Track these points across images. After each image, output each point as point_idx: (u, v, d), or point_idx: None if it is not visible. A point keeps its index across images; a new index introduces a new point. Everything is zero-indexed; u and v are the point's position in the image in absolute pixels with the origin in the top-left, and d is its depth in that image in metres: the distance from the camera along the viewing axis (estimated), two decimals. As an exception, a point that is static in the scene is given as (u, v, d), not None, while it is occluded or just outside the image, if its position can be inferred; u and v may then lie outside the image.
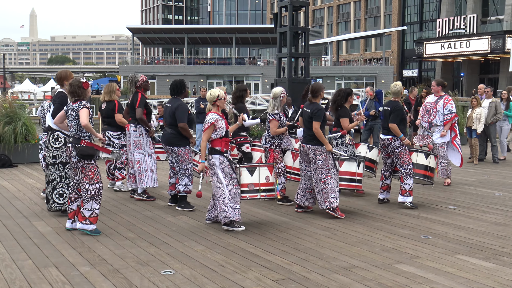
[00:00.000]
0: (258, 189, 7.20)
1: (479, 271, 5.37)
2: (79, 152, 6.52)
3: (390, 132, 8.41)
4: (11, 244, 6.24)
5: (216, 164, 6.97)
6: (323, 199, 7.61)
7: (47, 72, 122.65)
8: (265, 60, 77.54)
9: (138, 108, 8.57)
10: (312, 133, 7.63)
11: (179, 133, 8.05)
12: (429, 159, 8.68)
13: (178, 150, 8.08)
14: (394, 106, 8.43)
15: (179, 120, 7.97)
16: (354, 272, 5.33)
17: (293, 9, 14.67)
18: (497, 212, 8.13)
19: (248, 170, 7.18)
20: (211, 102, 7.17)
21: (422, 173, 8.65)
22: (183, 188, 8.10)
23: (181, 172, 8.11)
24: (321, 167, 7.59)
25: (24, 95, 58.79)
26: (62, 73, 7.81)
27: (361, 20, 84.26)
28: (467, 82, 63.18)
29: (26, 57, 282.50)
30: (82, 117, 6.47)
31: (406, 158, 8.39)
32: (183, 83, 8.34)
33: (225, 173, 6.96)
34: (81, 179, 6.65)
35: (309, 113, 7.68)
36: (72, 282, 4.99)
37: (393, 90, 8.68)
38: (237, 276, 5.19)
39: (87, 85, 6.70)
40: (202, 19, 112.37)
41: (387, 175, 8.71)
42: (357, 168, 8.13)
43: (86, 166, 6.60)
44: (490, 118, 13.69)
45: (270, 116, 8.55)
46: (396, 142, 8.39)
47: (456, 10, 66.63)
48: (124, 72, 67.43)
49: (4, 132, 12.78)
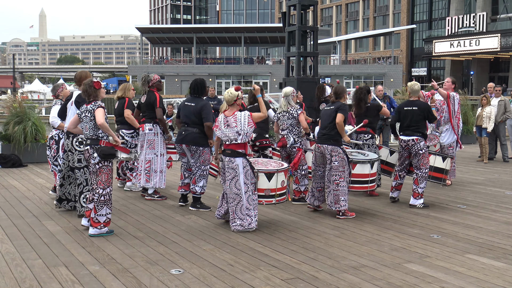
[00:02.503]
0: (274, 194, 7.10)
1: (489, 271, 5.34)
2: (100, 153, 6.42)
3: (415, 133, 8.33)
4: (21, 243, 6.28)
5: (239, 168, 6.80)
6: (333, 201, 7.58)
7: (57, 72, 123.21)
8: (274, 59, 77.44)
9: (159, 108, 8.53)
10: (329, 133, 7.61)
11: (204, 133, 7.94)
12: (446, 162, 8.63)
13: (203, 150, 7.96)
14: (424, 106, 8.43)
15: (206, 119, 7.86)
16: (363, 271, 5.32)
17: (301, 8, 14.65)
18: (507, 211, 8.08)
19: (266, 176, 7.03)
20: (230, 102, 6.94)
21: (439, 176, 8.62)
22: (200, 189, 8.03)
23: (199, 173, 8.01)
24: (336, 168, 7.56)
25: (33, 95, 58.95)
26: (82, 73, 7.73)
27: (369, 19, 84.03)
28: (476, 80, 62.89)
29: (36, 57, 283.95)
30: (98, 117, 6.40)
31: (426, 161, 8.34)
32: (204, 83, 8.24)
33: (247, 178, 6.83)
34: (94, 183, 6.58)
35: (334, 108, 7.66)
36: (82, 281, 5.01)
37: (415, 88, 8.58)
38: (246, 275, 5.19)
39: (98, 84, 6.61)
40: (211, 18, 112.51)
41: (402, 175, 8.64)
42: (370, 169, 7.93)
43: (104, 167, 6.52)
44: (500, 116, 13.61)
45: (297, 112, 8.44)
46: (421, 143, 8.31)
47: (465, 8, 66.31)
48: (133, 72, 67.61)
49: (14, 132, 12.85)
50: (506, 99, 14.03)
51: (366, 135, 8.91)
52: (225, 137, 6.88)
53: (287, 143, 8.48)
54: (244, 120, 6.82)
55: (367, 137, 8.89)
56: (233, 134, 6.82)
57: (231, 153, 6.83)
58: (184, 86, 61.97)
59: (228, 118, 6.89)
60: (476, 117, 13.93)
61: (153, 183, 8.69)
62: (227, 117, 6.92)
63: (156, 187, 8.75)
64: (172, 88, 65.55)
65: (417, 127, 8.36)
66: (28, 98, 36.18)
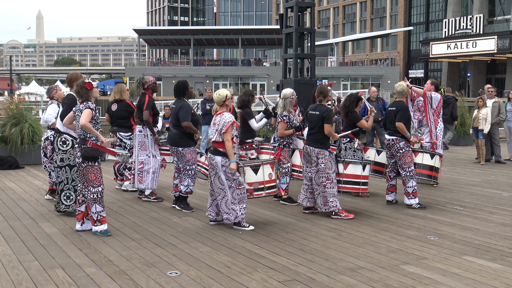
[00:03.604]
0: (263, 187, 7.27)
1: (486, 272, 5.35)
2: (82, 153, 6.56)
3: (396, 132, 8.39)
4: (18, 245, 6.26)
5: (218, 166, 6.99)
6: (322, 202, 7.72)
7: (54, 73, 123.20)
8: (271, 61, 77.52)
9: (145, 111, 8.58)
10: (316, 136, 7.72)
11: (183, 133, 8.08)
12: (434, 159, 8.66)
13: (183, 150, 8.09)
14: (400, 105, 8.45)
15: (182, 119, 8.01)
16: (360, 273, 5.32)
17: (299, 9, 14.64)
18: (504, 213, 8.09)
19: (252, 169, 7.21)
20: (219, 102, 7.14)
21: (428, 173, 8.64)
22: (185, 188, 8.13)
23: (184, 173, 8.14)
24: (322, 170, 7.66)
25: (30, 97, 58.94)
26: (73, 75, 7.88)
27: (367, 21, 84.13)
28: (473, 82, 62.98)
29: (33, 59, 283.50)
30: (82, 117, 6.52)
31: (408, 160, 8.36)
32: (186, 84, 8.37)
33: (227, 175, 6.97)
34: (84, 181, 6.68)
35: (318, 115, 7.69)
36: (78, 283, 5.00)
37: (398, 89, 8.69)
38: (243, 277, 5.18)
39: (90, 85, 6.69)
40: (208, 20, 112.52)
41: (392, 176, 8.68)
42: (362, 171, 8.04)
43: (89, 167, 6.63)
44: (494, 118, 13.62)
45: (279, 118, 8.55)
46: (401, 143, 8.37)
47: (462, 10, 66.44)
48: (130, 74, 67.59)
49: (11, 133, 12.83)
50: (500, 101, 14.05)
51: (344, 139, 8.88)
52: (210, 135, 7.16)
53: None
54: (224, 123, 6.93)
55: (345, 140, 8.88)
56: (213, 132, 7.05)
57: (213, 150, 7.06)
58: (181, 88, 61.87)
59: (216, 117, 7.13)
60: (472, 119, 13.95)
61: (146, 184, 8.72)
62: (215, 116, 7.15)
63: (148, 187, 8.77)
64: (169, 90, 65.38)
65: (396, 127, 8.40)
66: (25, 99, 36.18)
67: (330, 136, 7.75)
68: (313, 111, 7.85)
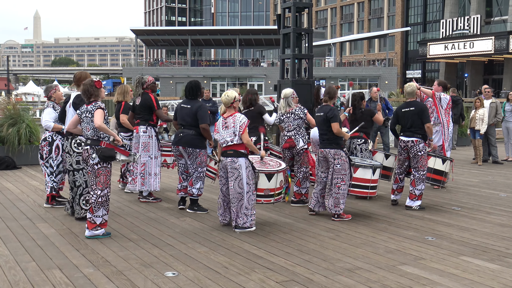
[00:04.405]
0: (273, 193, 7.26)
1: (484, 273, 5.35)
2: (101, 154, 6.39)
3: (415, 134, 8.28)
4: (15, 246, 6.25)
5: (242, 168, 6.86)
6: (333, 204, 7.59)
7: (51, 74, 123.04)
8: (269, 62, 77.53)
9: (159, 110, 8.57)
10: (329, 136, 7.62)
11: (200, 135, 7.92)
12: (445, 164, 8.64)
13: (200, 152, 7.95)
14: (419, 106, 8.37)
15: (202, 121, 7.84)
16: (358, 273, 5.32)
17: (296, 10, 14.63)
18: (502, 213, 8.10)
19: (266, 176, 7.14)
20: (227, 104, 6.99)
21: (439, 178, 8.64)
22: (197, 191, 8.01)
23: (196, 175, 7.99)
24: (338, 171, 7.56)
25: (28, 97, 58.75)
26: (82, 74, 7.68)
27: (364, 21, 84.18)
28: (471, 83, 63.05)
29: (30, 59, 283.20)
30: (96, 118, 6.38)
31: (424, 163, 8.32)
32: (198, 84, 8.22)
33: (249, 178, 6.91)
34: (93, 184, 6.53)
35: (323, 116, 7.66)
36: (76, 284, 4.99)
37: (408, 90, 8.58)
38: (241, 277, 5.18)
39: (99, 83, 6.61)
40: (205, 20, 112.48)
41: (402, 177, 8.63)
42: (372, 175, 7.85)
43: (103, 169, 6.49)
44: (491, 119, 13.62)
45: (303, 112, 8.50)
46: (420, 145, 8.28)
47: (459, 11, 66.50)
48: (127, 74, 67.51)
49: (8, 134, 12.81)
50: (497, 101, 14.06)
51: (359, 140, 8.92)
52: (222, 139, 6.94)
53: (295, 144, 8.48)
54: (240, 124, 6.86)
55: (360, 141, 8.90)
56: (230, 135, 6.87)
57: (233, 153, 6.89)
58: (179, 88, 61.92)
59: (227, 119, 6.96)
60: (469, 119, 13.97)
61: (149, 186, 8.68)
62: (225, 118, 6.99)
63: (151, 189, 8.74)
64: (167, 90, 65.45)
65: (417, 128, 8.30)
66: (22, 100, 36.10)
67: (341, 135, 7.60)
68: (318, 113, 7.84)
